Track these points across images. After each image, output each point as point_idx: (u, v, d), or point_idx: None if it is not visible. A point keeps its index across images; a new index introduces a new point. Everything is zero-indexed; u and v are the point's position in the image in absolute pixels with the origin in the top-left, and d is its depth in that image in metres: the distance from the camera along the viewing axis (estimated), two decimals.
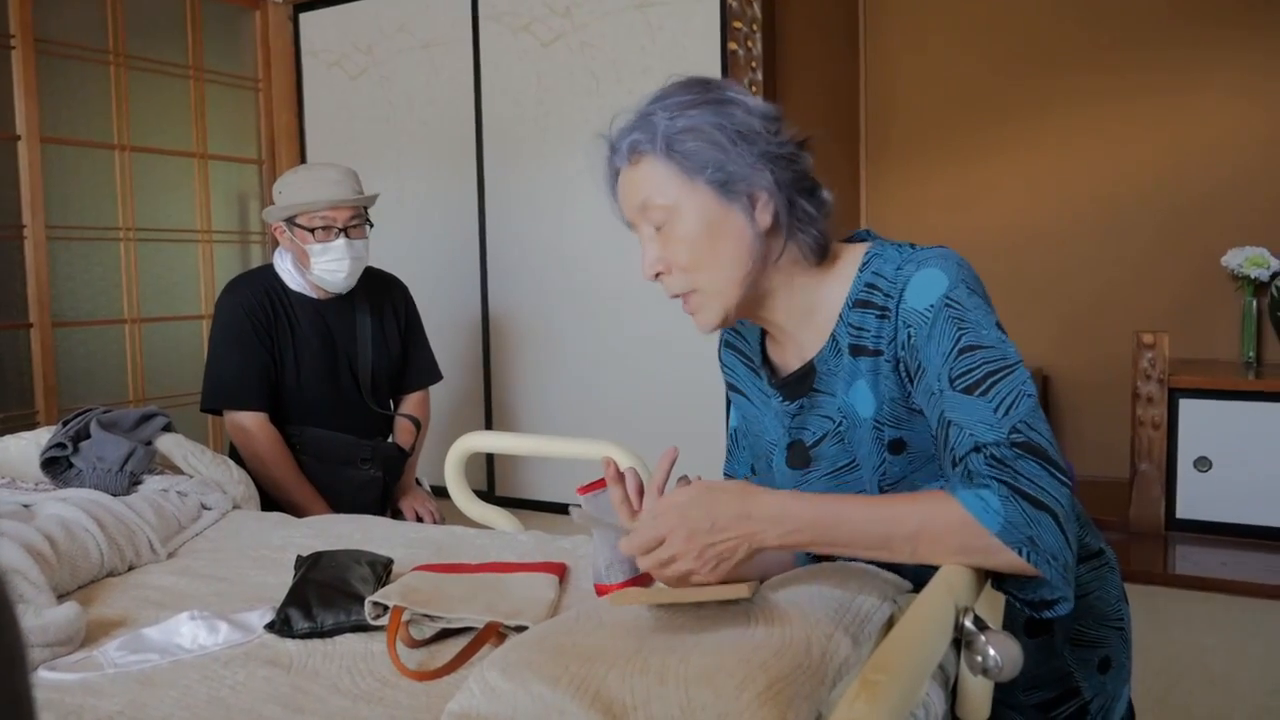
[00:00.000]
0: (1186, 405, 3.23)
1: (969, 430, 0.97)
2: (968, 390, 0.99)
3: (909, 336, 1.06)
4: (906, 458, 1.09)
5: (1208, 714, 2.11)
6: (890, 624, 1.07)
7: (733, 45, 3.26)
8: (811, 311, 1.15)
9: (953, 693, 1.10)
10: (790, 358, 1.20)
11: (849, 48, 4.26)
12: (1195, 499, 3.22)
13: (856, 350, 1.11)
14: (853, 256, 1.15)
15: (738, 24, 3.25)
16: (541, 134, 3.66)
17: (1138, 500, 3.26)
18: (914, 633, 0.80)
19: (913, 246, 1.12)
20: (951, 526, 0.92)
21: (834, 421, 1.15)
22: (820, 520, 0.96)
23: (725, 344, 1.32)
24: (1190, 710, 2.12)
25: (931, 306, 1.04)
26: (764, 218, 1.09)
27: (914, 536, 0.94)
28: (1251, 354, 3.53)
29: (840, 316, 1.13)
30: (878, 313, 1.09)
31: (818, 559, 1.21)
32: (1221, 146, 3.68)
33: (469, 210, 3.86)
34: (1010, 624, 1.16)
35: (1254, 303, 3.51)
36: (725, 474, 1.39)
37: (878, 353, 1.09)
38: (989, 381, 0.99)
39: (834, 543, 0.97)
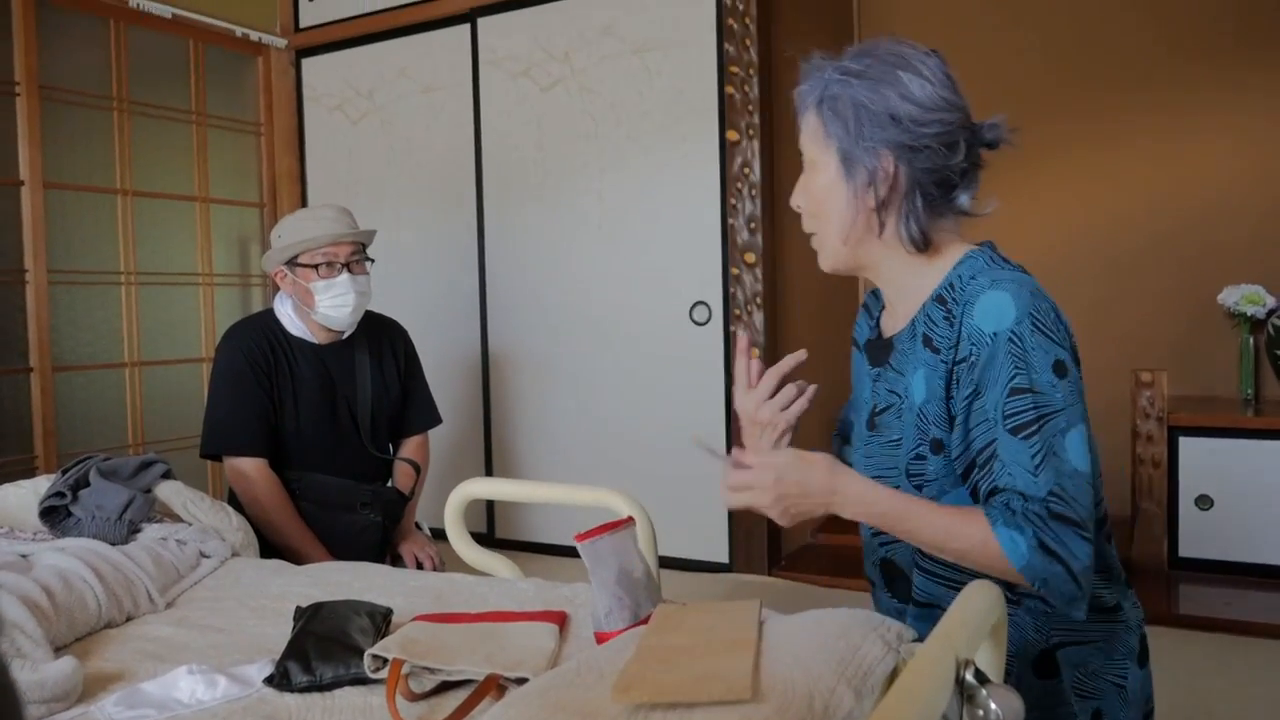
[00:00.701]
0: (1186, 443, 3.23)
1: (1008, 470, 1.08)
2: (1013, 431, 1.08)
3: (970, 354, 1.12)
4: (944, 459, 1.16)
5: None
6: (894, 675, 1.07)
7: (730, 89, 3.30)
8: (907, 292, 1.24)
9: None
10: (888, 328, 1.30)
11: None
12: (1198, 538, 3.20)
13: (926, 341, 1.20)
14: (954, 253, 1.22)
15: (734, 68, 3.29)
16: (541, 177, 3.69)
17: (1140, 539, 3.25)
18: (914, 688, 0.80)
19: (1002, 262, 1.19)
20: (989, 555, 1.06)
21: (899, 398, 1.24)
22: (892, 513, 1.11)
23: (863, 303, 1.43)
24: None
25: (996, 335, 1.10)
26: (871, 197, 1.18)
27: (961, 553, 1.09)
28: (1250, 391, 3.54)
29: (923, 306, 1.21)
30: (946, 313, 1.17)
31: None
32: (1216, 185, 3.71)
33: (469, 253, 3.88)
34: (1020, 665, 1.17)
35: (1251, 340, 3.53)
36: (841, 416, 1.53)
37: (938, 351, 1.17)
38: (1031, 428, 1.07)
39: (894, 532, 1.13)
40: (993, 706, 0.88)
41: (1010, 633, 1.15)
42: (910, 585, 1.28)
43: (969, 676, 0.89)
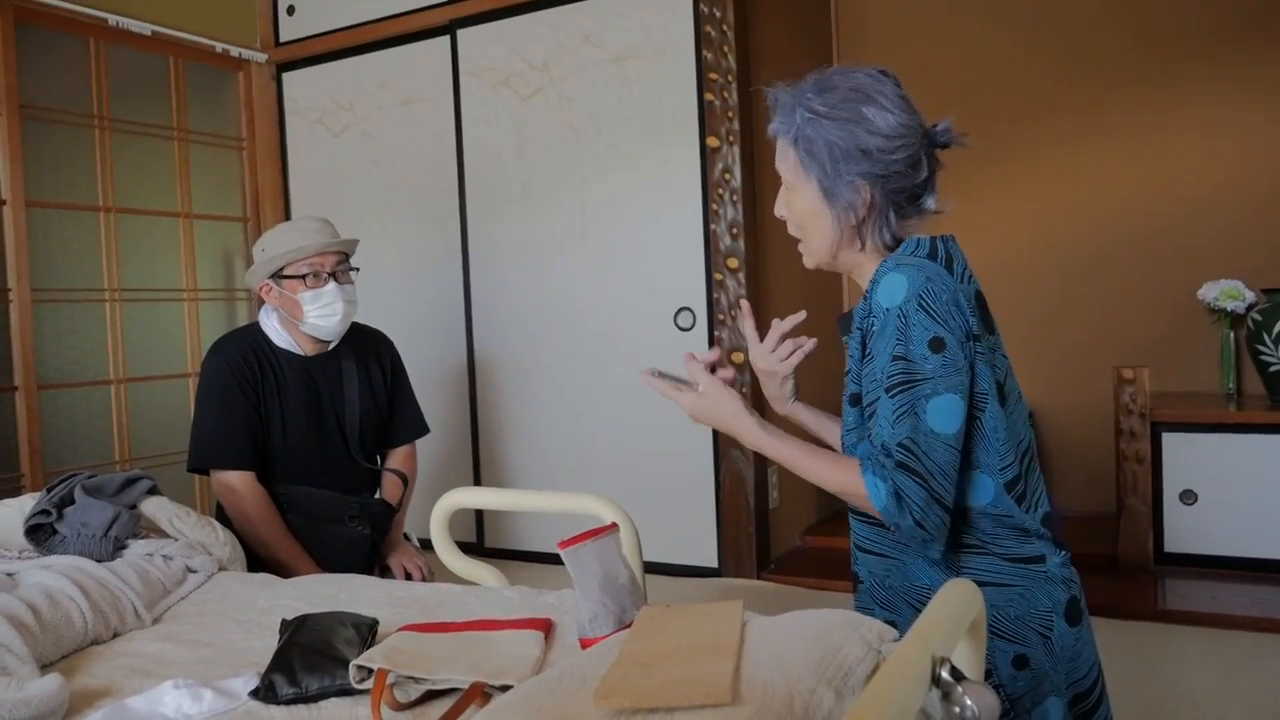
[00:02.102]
0: (1170, 439, 3.25)
1: (879, 423, 1.27)
2: (886, 390, 1.26)
3: (871, 324, 1.31)
4: (858, 411, 1.35)
5: None
6: (875, 674, 1.08)
7: (709, 96, 3.32)
8: (865, 280, 1.41)
9: None
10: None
11: None
12: (1182, 532, 3.23)
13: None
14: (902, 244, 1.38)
15: (713, 75, 3.31)
16: (523, 186, 3.70)
17: (1125, 535, 3.27)
18: (889, 686, 0.81)
19: (923, 246, 1.33)
20: (859, 497, 1.26)
21: (849, 366, 1.41)
22: (777, 456, 1.35)
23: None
24: None
25: (888, 310, 1.27)
26: (851, 218, 1.34)
27: (836, 490, 1.30)
28: (1231, 385, 3.57)
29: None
30: (867, 293, 1.35)
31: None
32: (1192, 181, 3.74)
33: (453, 263, 3.89)
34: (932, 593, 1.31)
35: (1231, 335, 3.56)
36: None
37: (858, 324, 1.35)
38: (898, 389, 1.25)
39: (791, 469, 1.34)
40: (969, 703, 0.89)
41: (920, 565, 1.34)
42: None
43: (945, 674, 0.90)
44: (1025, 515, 1.31)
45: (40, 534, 1.84)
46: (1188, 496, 3.22)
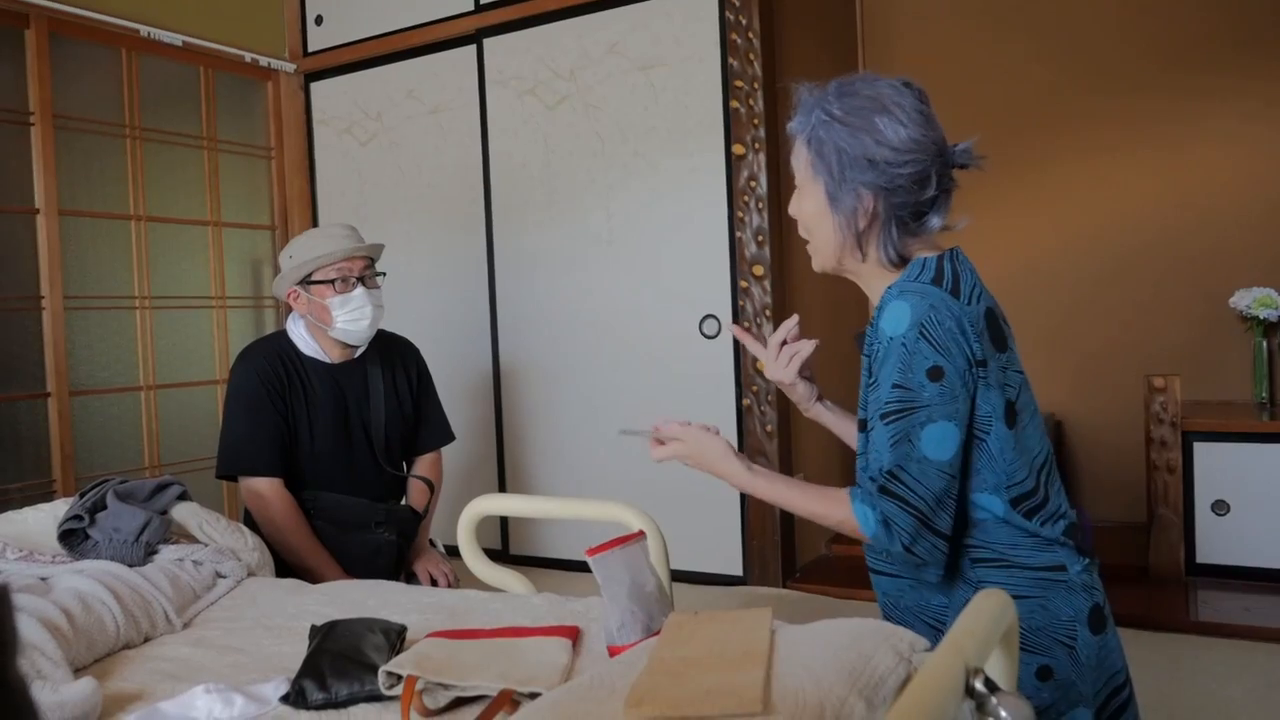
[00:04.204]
0: (1201, 448, 3.21)
1: (875, 448, 1.27)
2: (882, 418, 1.26)
3: (876, 350, 1.31)
4: (865, 436, 1.33)
5: None
6: (906, 684, 1.07)
7: (734, 103, 3.32)
8: (876, 295, 1.39)
9: None
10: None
11: None
12: (1214, 543, 3.19)
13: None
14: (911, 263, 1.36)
15: (739, 83, 3.31)
16: (549, 195, 3.71)
17: (1156, 546, 3.23)
18: (923, 697, 0.80)
19: (929, 269, 1.31)
20: (850, 526, 1.27)
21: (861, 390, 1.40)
22: (768, 497, 1.37)
23: None
24: None
25: (892, 338, 1.26)
26: (854, 228, 1.34)
27: (830, 524, 1.30)
28: (1264, 395, 3.52)
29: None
30: (873, 318, 1.34)
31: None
32: (1224, 190, 3.70)
33: (479, 271, 3.90)
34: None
35: (1264, 343, 3.51)
36: None
37: (866, 353, 1.35)
38: (893, 417, 1.25)
39: (785, 507, 1.36)
40: (1003, 714, 0.88)
41: (939, 584, 1.33)
42: None
43: (979, 685, 0.90)
44: (1042, 528, 1.30)
45: (73, 539, 1.86)
46: (1220, 507, 3.18)
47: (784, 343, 1.55)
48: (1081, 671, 1.27)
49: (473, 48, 3.85)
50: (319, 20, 4.21)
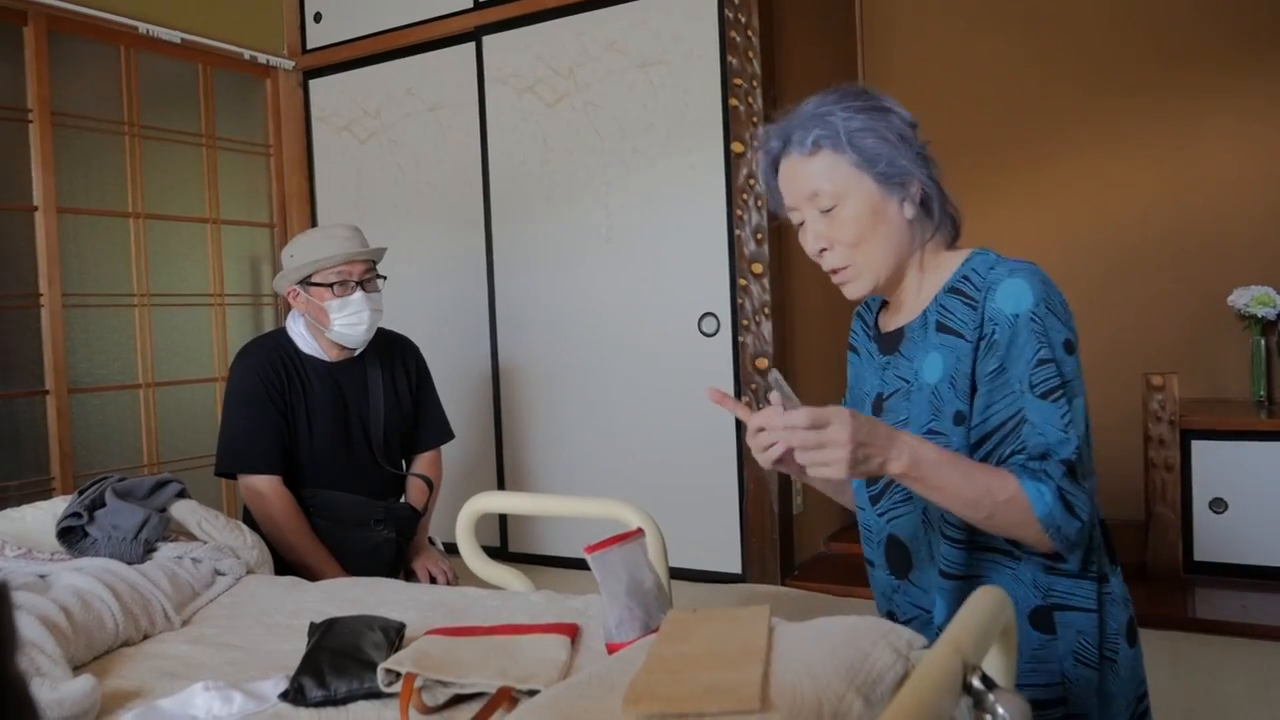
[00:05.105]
0: (1199, 447, 3.22)
1: (1039, 430, 1.19)
2: (1043, 396, 1.19)
3: (992, 332, 1.23)
4: (964, 429, 1.25)
5: None
6: (904, 681, 1.07)
7: (734, 101, 3.32)
8: (920, 290, 1.35)
9: None
10: (892, 323, 1.41)
11: None
12: (1212, 541, 3.19)
13: (941, 328, 1.29)
14: (961, 254, 1.35)
15: (738, 80, 3.31)
16: (548, 192, 3.71)
17: (1154, 543, 3.24)
18: (920, 694, 0.80)
19: (996, 255, 1.31)
20: (1017, 506, 1.16)
21: (906, 382, 1.33)
22: (942, 462, 1.15)
23: (856, 312, 1.55)
24: None
25: (1018, 316, 1.21)
26: (912, 207, 1.30)
27: (991, 508, 1.16)
28: (1262, 393, 3.52)
29: (935, 298, 1.32)
30: (965, 300, 1.28)
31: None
32: (1222, 189, 3.71)
33: (477, 269, 3.90)
34: (1017, 618, 1.21)
35: (1262, 342, 3.51)
36: None
37: (959, 334, 1.27)
38: (1057, 393, 1.19)
39: (940, 488, 1.16)
40: (1000, 712, 0.88)
41: (1010, 587, 1.26)
42: (910, 561, 1.35)
43: (976, 682, 0.90)
44: (1097, 524, 1.28)
45: (71, 536, 1.87)
46: (1218, 505, 3.18)
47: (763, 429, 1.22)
48: (1121, 686, 1.26)
49: (472, 45, 3.85)
50: (318, 17, 4.20)
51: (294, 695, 1.26)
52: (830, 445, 1.10)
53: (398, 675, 1.25)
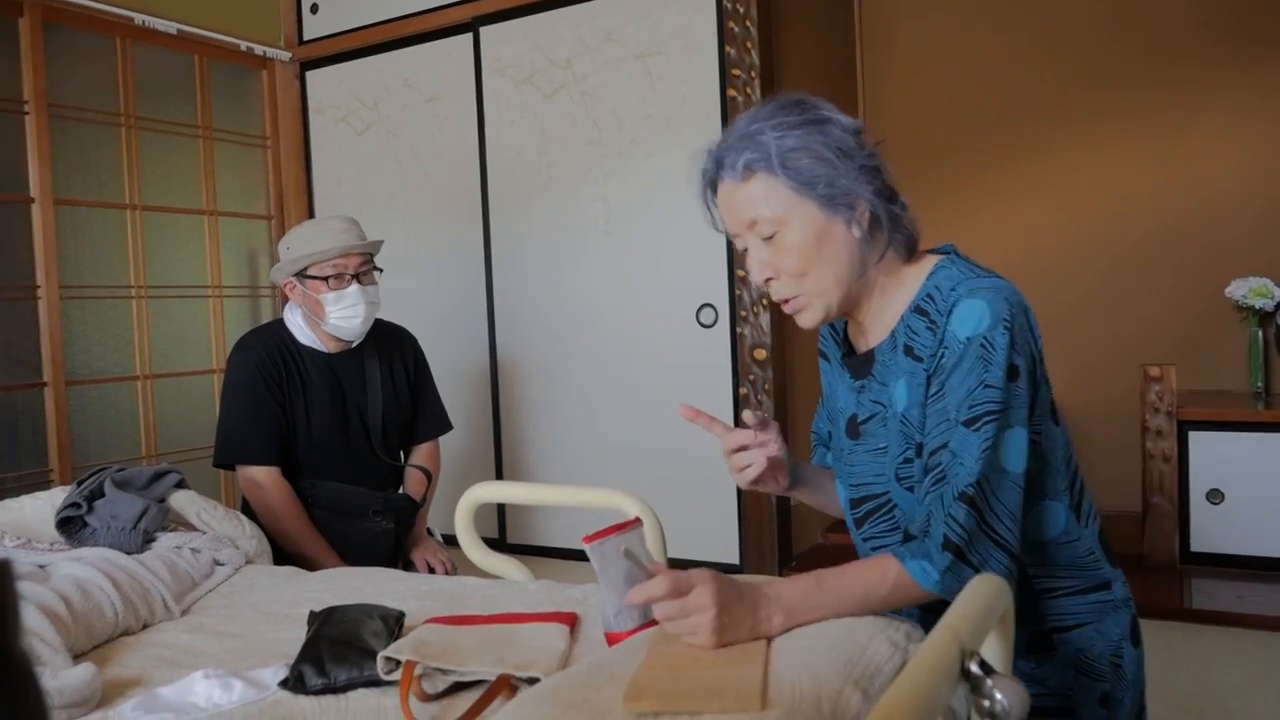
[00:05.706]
0: (1196, 438, 3.22)
1: (959, 460, 1.12)
2: (969, 423, 1.12)
3: (943, 356, 1.16)
4: (922, 461, 1.19)
5: None
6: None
7: (732, 92, 3.31)
8: (886, 307, 1.26)
9: None
10: (860, 343, 1.34)
11: (847, 95, 4.32)
12: (1209, 532, 3.20)
13: (907, 350, 1.22)
14: (925, 265, 1.25)
15: (736, 71, 3.30)
16: (546, 183, 3.71)
17: (1151, 534, 3.24)
18: (918, 679, 0.80)
19: (982, 271, 1.22)
20: (906, 588, 1.13)
21: (882, 406, 1.27)
22: (813, 590, 1.14)
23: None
24: None
25: (970, 339, 1.13)
26: (860, 227, 1.20)
27: (883, 599, 1.14)
28: (1260, 384, 3.53)
29: (902, 317, 1.24)
30: (928, 323, 1.20)
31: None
32: (1220, 181, 3.71)
33: (475, 260, 3.90)
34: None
35: (1260, 333, 3.52)
36: (814, 428, 1.56)
37: (920, 359, 1.20)
38: (984, 420, 1.11)
39: (824, 614, 1.14)
40: (998, 696, 0.88)
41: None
42: None
43: (974, 668, 0.90)
44: (1088, 533, 1.27)
45: (71, 526, 1.87)
46: (1215, 496, 3.19)
47: (741, 448, 1.36)
48: (1127, 689, 1.25)
49: (469, 36, 3.84)
50: (314, 8, 4.19)
51: (294, 683, 1.27)
52: (695, 612, 1.05)
53: (397, 663, 1.25)
